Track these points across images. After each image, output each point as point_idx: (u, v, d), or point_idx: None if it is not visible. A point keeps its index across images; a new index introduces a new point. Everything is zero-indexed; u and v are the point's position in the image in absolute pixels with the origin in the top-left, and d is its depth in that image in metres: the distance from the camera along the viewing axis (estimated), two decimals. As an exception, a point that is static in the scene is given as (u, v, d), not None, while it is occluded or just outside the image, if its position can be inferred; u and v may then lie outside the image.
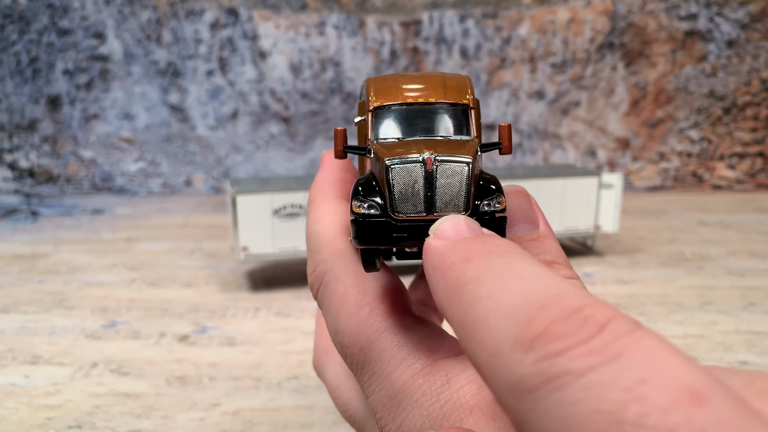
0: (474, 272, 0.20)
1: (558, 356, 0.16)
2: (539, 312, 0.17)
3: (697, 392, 0.15)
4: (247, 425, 0.59)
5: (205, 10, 1.74)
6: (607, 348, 0.16)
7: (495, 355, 0.18)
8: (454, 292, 0.20)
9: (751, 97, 1.79)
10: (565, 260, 0.29)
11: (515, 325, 0.17)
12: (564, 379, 0.16)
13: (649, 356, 0.16)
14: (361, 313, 0.28)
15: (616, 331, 0.16)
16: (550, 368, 0.16)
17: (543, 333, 0.17)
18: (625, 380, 0.15)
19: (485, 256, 0.20)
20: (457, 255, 0.21)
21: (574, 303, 0.17)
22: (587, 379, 0.15)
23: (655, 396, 0.15)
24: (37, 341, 0.79)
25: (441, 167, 0.25)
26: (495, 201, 0.26)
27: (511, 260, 0.20)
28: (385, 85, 0.30)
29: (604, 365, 0.16)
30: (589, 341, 0.16)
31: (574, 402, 0.15)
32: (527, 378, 0.17)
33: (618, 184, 1.13)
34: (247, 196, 0.95)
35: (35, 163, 1.83)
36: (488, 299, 0.19)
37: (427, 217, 0.25)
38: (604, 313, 0.17)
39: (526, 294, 0.18)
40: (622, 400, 0.15)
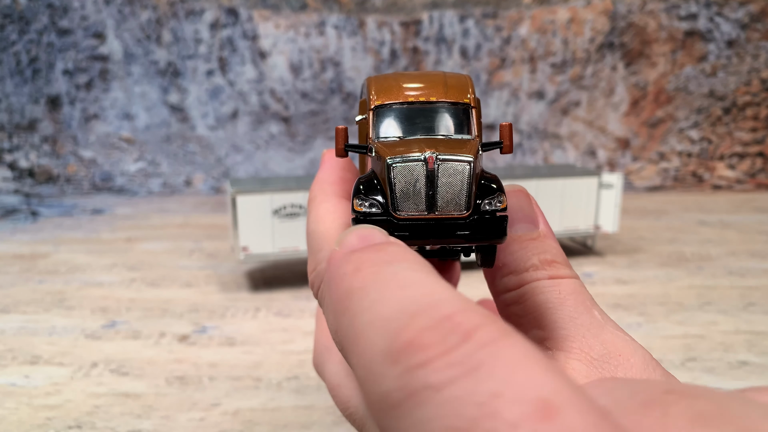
0: (361, 282, 0.19)
1: (420, 368, 0.15)
2: (410, 321, 0.16)
3: (549, 405, 0.14)
4: (247, 425, 0.59)
5: (205, 10, 1.74)
6: (469, 359, 0.15)
7: (367, 368, 0.17)
8: (341, 304, 0.19)
9: (751, 97, 1.79)
10: (565, 260, 0.29)
11: (387, 335, 0.17)
12: (424, 394, 0.15)
13: (509, 367, 0.15)
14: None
15: (481, 339, 0.16)
16: (412, 382, 0.15)
17: (409, 343, 0.16)
18: (480, 394, 0.14)
19: (375, 265, 0.20)
20: (349, 265, 0.20)
21: (445, 310, 0.17)
22: (445, 393, 0.15)
23: (506, 411, 0.14)
24: (37, 341, 0.79)
25: (442, 166, 0.25)
26: (496, 200, 0.26)
27: (399, 268, 0.19)
28: (386, 83, 0.30)
29: (462, 378, 0.15)
30: (451, 352, 0.15)
31: (430, 419, 0.15)
32: (392, 393, 0.16)
33: (618, 184, 1.13)
34: (247, 196, 0.95)
35: (35, 163, 1.83)
36: (368, 310, 0.18)
37: (429, 216, 0.25)
38: (473, 320, 0.16)
39: (402, 303, 0.17)
40: (474, 417, 0.14)
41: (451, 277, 0.43)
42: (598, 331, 0.26)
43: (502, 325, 0.16)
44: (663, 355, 0.73)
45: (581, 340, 0.26)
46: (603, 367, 0.25)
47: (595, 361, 0.25)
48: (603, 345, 0.25)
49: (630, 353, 0.25)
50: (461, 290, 0.53)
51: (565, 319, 0.26)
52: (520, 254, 0.28)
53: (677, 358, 0.73)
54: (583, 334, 0.26)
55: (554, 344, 0.26)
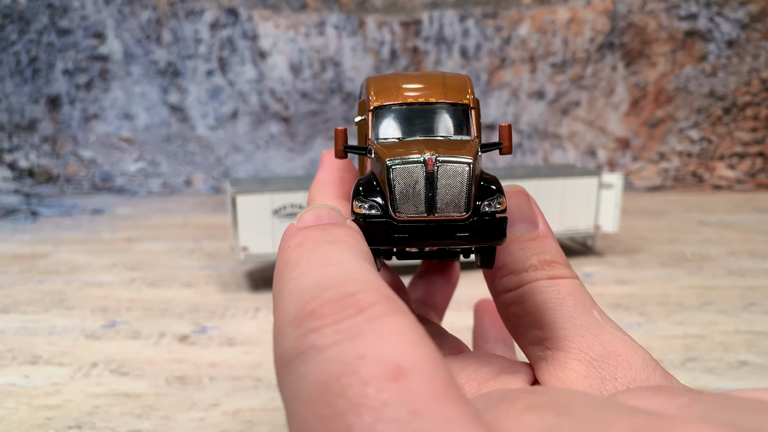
0: (297, 256, 0.21)
1: (313, 333, 0.17)
2: (320, 292, 0.18)
3: (400, 369, 0.16)
4: (247, 425, 0.59)
5: (205, 10, 1.74)
6: (353, 329, 0.17)
7: (277, 330, 0.19)
8: (278, 273, 0.22)
9: (751, 97, 1.79)
10: (564, 260, 0.29)
11: (298, 304, 0.19)
12: (310, 353, 0.17)
13: (380, 337, 0.17)
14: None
15: (370, 314, 0.17)
16: (304, 343, 0.17)
17: (311, 312, 0.18)
18: (349, 356, 0.16)
19: (316, 242, 0.22)
20: (296, 239, 0.22)
21: (351, 288, 0.18)
22: (325, 353, 0.17)
23: (363, 370, 0.16)
24: (36, 341, 0.79)
25: (442, 168, 0.25)
26: (495, 201, 0.26)
27: (335, 248, 0.21)
28: (385, 84, 0.30)
29: (342, 342, 0.17)
30: (342, 321, 0.17)
31: (307, 374, 0.17)
32: (287, 351, 0.18)
33: (618, 184, 1.13)
34: (247, 196, 0.95)
35: (35, 163, 1.83)
36: (293, 281, 0.20)
37: (428, 218, 0.25)
38: (369, 298, 0.18)
39: (321, 277, 0.19)
40: (337, 373, 0.16)
41: (451, 277, 0.43)
42: (597, 332, 0.26)
43: (396, 305, 0.18)
44: (663, 355, 0.73)
45: (580, 341, 0.26)
46: (602, 367, 0.25)
47: (594, 361, 0.25)
48: (602, 345, 0.25)
49: (629, 353, 0.25)
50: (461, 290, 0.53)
51: (565, 319, 0.26)
52: (519, 255, 0.28)
53: (677, 358, 0.73)
54: (583, 335, 0.26)
55: (554, 344, 0.26)
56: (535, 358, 0.27)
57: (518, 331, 0.28)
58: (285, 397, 0.18)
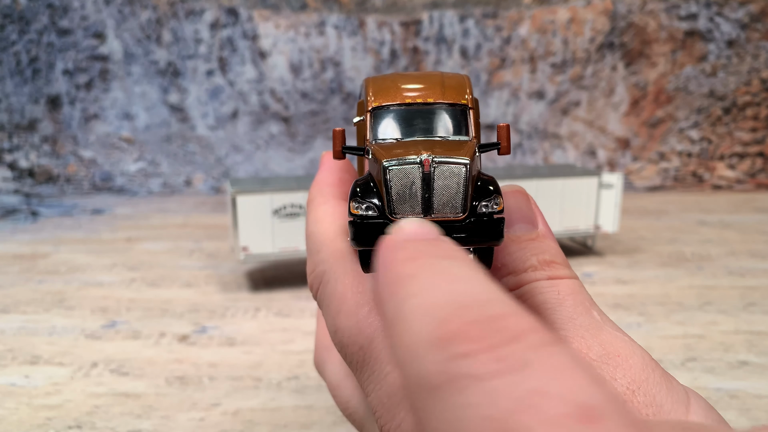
0: (413, 270, 0.20)
1: (465, 358, 0.16)
2: (458, 312, 0.17)
3: (591, 410, 0.14)
4: (247, 425, 0.59)
5: (205, 10, 1.74)
6: (515, 357, 0.15)
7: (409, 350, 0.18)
8: (390, 287, 0.20)
9: (751, 97, 1.79)
10: (564, 260, 0.29)
11: (433, 322, 0.17)
12: (465, 381, 0.16)
13: (555, 370, 0.15)
14: (360, 312, 0.28)
15: (530, 343, 0.16)
16: (454, 368, 0.16)
17: (456, 333, 0.17)
18: (522, 390, 0.15)
19: (429, 257, 0.20)
20: (404, 253, 0.21)
21: (497, 310, 0.17)
22: (487, 384, 0.15)
23: (547, 409, 0.14)
24: (37, 341, 0.79)
25: (439, 168, 0.25)
26: (493, 202, 0.26)
27: (453, 264, 0.20)
28: (383, 85, 0.30)
29: (507, 373, 0.15)
30: (498, 348, 0.16)
31: (469, 406, 0.15)
32: (432, 375, 0.16)
33: (618, 184, 1.13)
34: (247, 196, 0.95)
35: (35, 163, 1.83)
36: (416, 296, 0.19)
37: (425, 219, 0.25)
38: (523, 324, 0.17)
39: (452, 294, 0.18)
40: (512, 409, 0.14)
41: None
42: (596, 332, 0.26)
43: (552, 333, 0.17)
44: (663, 355, 0.73)
45: (580, 341, 0.26)
46: (602, 368, 0.25)
47: (593, 362, 0.25)
48: (602, 346, 0.25)
49: (629, 354, 0.25)
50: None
51: (564, 319, 0.26)
52: (518, 255, 0.28)
53: (677, 358, 0.73)
54: (582, 335, 0.26)
55: (553, 345, 0.26)
56: (534, 359, 0.27)
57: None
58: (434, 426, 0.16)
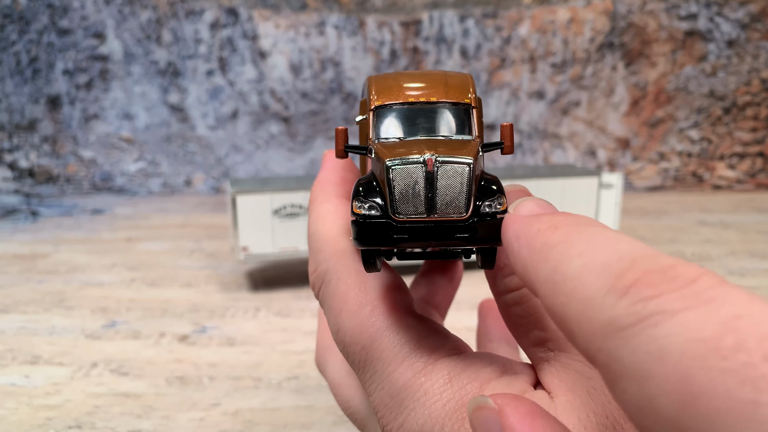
0: (562, 237, 0.21)
1: (652, 299, 0.17)
2: (633, 264, 0.18)
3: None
4: (247, 425, 0.59)
5: (205, 10, 1.74)
6: (700, 295, 0.17)
7: (587, 302, 0.18)
8: (540, 254, 0.21)
9: (751, 97, 1.79)
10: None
11: (609, 276, 0.18)
12: (658, 317, 0.17)
13: (741, 301, 0.16)
14: (362, 312, 0.28)
15: (708, 283, 0.17)
16: (643, 309, 0.17)
17: (637, 281, 0.18)
18: (721, 316, 0.16)
19: (573, 225, 0.21)
20: (542, 224, 0.22)
21: (666, 261, 0.19)
22: (682, 316, 0.16)
23: (752, 328, 0.15)
24: (37, 341, 0.79)
25: (442, 168, 0.25)
26: (496, 202, 0.26)
27: (600, 229, 0.21)
28: (386, 83, 0.30)
29: (698, 306, 0.16)
30: (681, 289, 0.17)
31: (668, 335, 0.16)
32: (620, 318, 0.17)
33: (618, 184, 1.13)
34: (247, 196, 0.95)
35: (35, 163, 1.83)
36: (580, 257, 0.19)
37: (428, 218, 0.25)
38: (696, 270, 0.18)
39: (619, 252, 0.19)
40: (718, 331, 0.15)
41: (453, 276, 0.43)
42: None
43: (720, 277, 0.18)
44: (663, 356, 0.73)
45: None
46: None
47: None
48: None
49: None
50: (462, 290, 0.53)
51: None
52: None
53: (677, 358, 0.73)
54: (585, 335, 0.26)
55: (556, 345, 0.26)
56: (537, 359, 0.27)
57: (520, 331, 0.28)
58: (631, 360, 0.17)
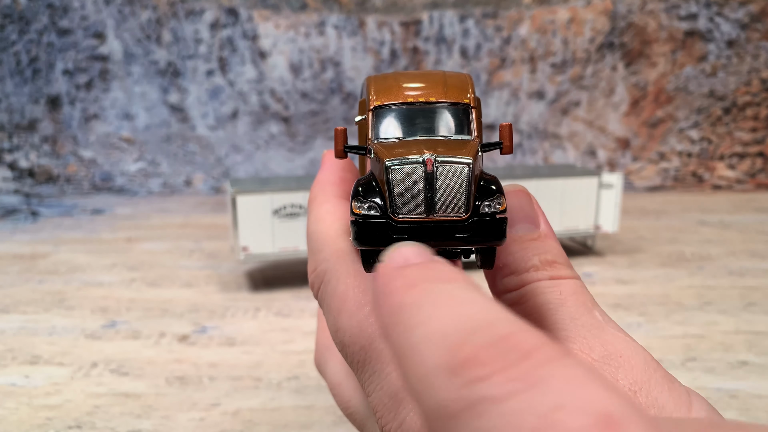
0: (414, 298, 0.20)
1: (480, 382, 0.16)
2: (469, 337, 0.17)
3: (611, 418, 0.14)
4: (247, 425, 0.59)
5: (205, 10, 1.74)
6: (529, 375, 0.16)
7: (424, 379, 0.18)
8: (394, 317, 0.20)
9: (751, 97, 1.79)
10: (566, 260, 0.29)
11: (445, 350, 0.17)
12: (484, 405, 0.16)
13: (570, 383, 0.15)
14: (361, 312, 0.28)
15: (541, 358, 0.16)
16: (471, 394, 0.16)
17: (468, 358, 0.17)
18: (541, 406, 0.15)
19: (428, 282, 0.20)
20: (402, 280, 0.21)
21: (504, 330, 0.17)
22: (505, 405, 0.15)
23: (568, 422, 0.14)
24: (37, 341, 0.79)
25: (441, 168, 0.25)
26: (495, 202, 0.26)
27: (452, 287, 0.20)
28: (385, 84, 0.30)
29: (523, 392, 0.15)
30: (511, 368, 0.16)
31: (490, 429, 0.15)
32: (450, 403, 0.17)
33: (618, 184, 1.13)
34: (247, 196, 0.95)
35: (35, 163, 1.83)
36: (423, 325, 0.19)
37: (428, 218, 0.25)
38: (531, 341, 0.17)
39: (459, 320, 0.18)
40: (534, 427, 0.15)
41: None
42: (598, 332, 0.26)
43: (559, 346, 0.17)
44: (663, 355, 0.73)
45: (582, 341, 0.26)
46: (604, 369, 0.24)
47: (595, 362, 0.25)
48: (604, 346, 0.25)
49: (631, 354, 0.25)
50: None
51: (566, 319, 0.26)
52: (520, 255, 0.28)
53: (677, 358, 0.73)
54: (584, 335, 0.26)
55: (554, 345, 0.26)
56: (536, 359, 0.27)
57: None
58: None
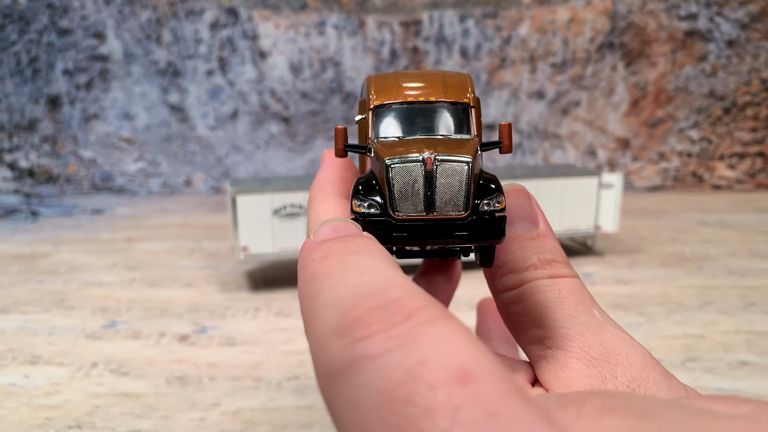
0: (326, 268, 0.21)
1: (363, 341, 0.17)
2: (361, 301, 0.18)
3: (468, 373, 0.15)
4: (247, 425, 0.59)
5: (205, 10, 1.74)
6: (406, 334, 0.17)
7: (317, 342, 0.19)
8: (306, 286, 0.21)
9: (751, 97, 1.79)
10: (565, 259, 0.29)
11: (338, 313, 0.18)
12: (362, 362, 0.17)
13: (439, 341, 0.16)
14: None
15: (420, 319, 0.17)
16: (353, 352, 0.17)
17: (356, 320, 0.18)
18: (409, 362, 0.16)
19: (341, 254, 0.21)
20: (318, 252, 0.22)
21: (393, 294, 0.18)
22: (380, 362, 0.16)
23: (428, 375, 0.15)
24: (37, 341, 0.79)
25: (441, 167, 0.25)
26: (495, 200, 0.26)
27: (362, 258, 0.21)
28: (385, 83, 0.30)
29: (397, 349, 0.16)
30: (392, 328, 0.17)
31: (364, 384, 0.16)
32: (334, 362, 0.17)
33: (618, 184, 1.13)
34: (247, 196, 0.95)
35: (35, 163, 1.83)
36: (327, 291, 0.20)
37: (427, 217, 0.25)
38: (415, 303, 0.18)
39: (358, 286, 0.19)
40: (400, 380, 0.16)
41: (452, 275, 0.43)
42: (597, 330, 0.26)
43: (442, 309, 0.18)
44: (663, 355, 0.73)
45: (581, 339, 0.26)
46: (602, 366, 0.25)
47: (594, 360, 0.25)
48: (602, 344, 0.25)
49: (629, 352, 0.25)
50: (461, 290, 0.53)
51: (565, 318, 0.26)
52: (519, 253, 0.28)
53: (677, 358, 0.73)
54: (583, 333, 0.26)
55: (554, 343, 0.26)
56: (535, 357, 0.27)
57: (518, 329, 0.28)
58: (338, 409, 0.17)
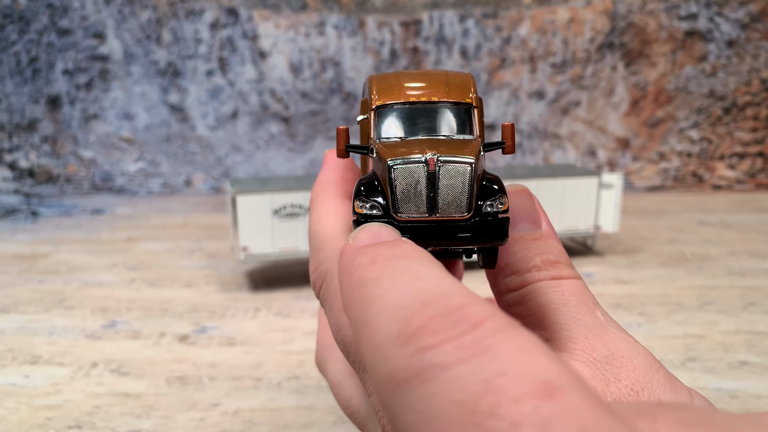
0: (375, 273, 0.20)
1: (429, 350, 0.17)
2: (422, 308, 0.18)
3: (552, 385, 0.15)
4: (247, 425, 0.59)
5: (205, 10, 1.74)
6: (477, 343, 0.16)
7: (376, 350, 0.18)
8: (355, 292, 0.21)
9: (751, 97, 1.79)
10: (567, 260, 0.29)
11: (398, 320, 0.18)
12: (431, 372, 0.16)
13: (515, 352, 0.16)
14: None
15: (489, 328, 0.17)
16: (419, 361, 0.16)
17: (420, 328, 0.17)
18: (486, 373, 0.15)
19: (389, 258, 0.21)
20: (364, 257, 0.21)
21: (456, 301, 0.18)
22: (452, 372, 0.16)
23: (510, 388, 0.15)
24: (37, 341, 0.79)
25: (444, 168, 0.25)
26: (498, 202, 0.26)
27: (412, 263, 0.20)
28: (387, 83, 0.30)
29: (470, 359, 0.16)
30: (460, 337, 0.17)
31: (436, 394, 0.16)
32: (399, 371, 0.17)
33: (618, 184, 1.13)
34: (247, 196, 0.95)
35: (35, 163, 1.83)
36: (381, 297, 0.19)
37: (430, 218, 0.25)
38: (481, 312, 0.17)
39: (414, 292, 0.19)
40: (478, 392, 0.15)
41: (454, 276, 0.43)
42: (600, 333, 0.26)
43: (508, 318, 0.17)
44: (663, 355, 0.73)
45: (584, 341, 0.25)
46: (606, 369, 0.24)
47: (597, 362, 0.25)
48: (606, 346, 0.25)
49: (633, 355, 0.25)
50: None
51: (568, 320, 0.26)
52: (522, 255, 0.28)
53: (677, 358, 0.73)
54: (586, 335, 0.26)
55: (557, 345, 0.26)
56: (538, 359, 0.27)
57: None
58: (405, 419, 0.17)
